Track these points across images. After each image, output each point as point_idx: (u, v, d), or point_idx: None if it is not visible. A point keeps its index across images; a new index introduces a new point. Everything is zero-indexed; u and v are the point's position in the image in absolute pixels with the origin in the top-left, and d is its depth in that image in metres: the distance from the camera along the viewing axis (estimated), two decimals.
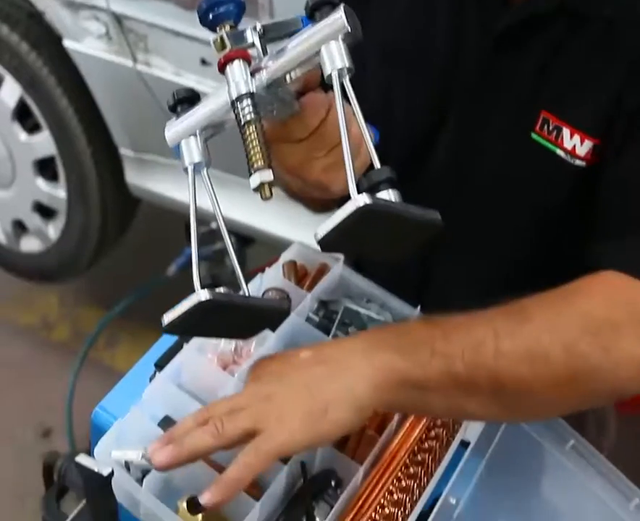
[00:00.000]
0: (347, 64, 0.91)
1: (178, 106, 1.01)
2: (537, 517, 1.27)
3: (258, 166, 0.91)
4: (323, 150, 1.04)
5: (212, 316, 0.95)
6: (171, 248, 3.13)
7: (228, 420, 0.95)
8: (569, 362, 1.00)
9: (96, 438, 1.11)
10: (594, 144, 1.19)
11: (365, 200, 0.82)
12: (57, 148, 2.82)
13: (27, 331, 3.31)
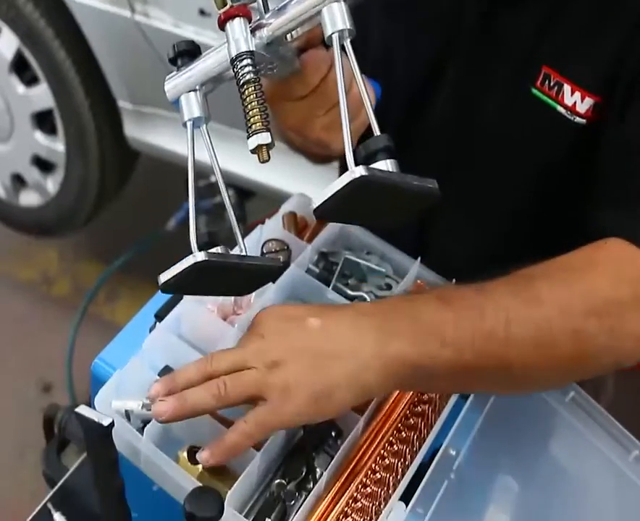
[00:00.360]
0: (348, 26, 0.90)
1: (178, 58, 1.00)
2: (537, 468, 1.27)
3: (256, 129, 0.90)
4: (323, 108, 1.04)
5: (208, 276, 0.95)
6: (170, 202, 3.12)
7: (232, 383, 0.97)
8: (576, 346, 1.02)
9: (96, 389, 1.11)
10: (594, 102, 1.18)
11: (361, 172, 0.81)
12: (55, 101, 2.81)
13: (27, 286, 3.31)
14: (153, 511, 1.12)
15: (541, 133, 1.25)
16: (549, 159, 1.27)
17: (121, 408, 1.09)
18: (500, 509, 1.20)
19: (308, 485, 1.09)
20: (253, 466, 1.04)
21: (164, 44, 2.53)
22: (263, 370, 0.97)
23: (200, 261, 0.90)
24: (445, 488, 1.14)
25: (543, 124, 1.23)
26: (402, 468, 1.13)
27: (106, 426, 0.98)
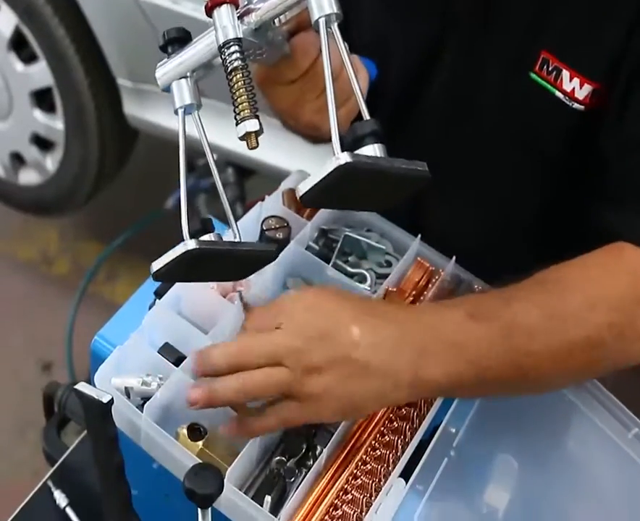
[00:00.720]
0: (335, 10, 0.90)
1: (169, 46, 1.00)
2: (536, 446, 1.27)
3: (244, 116, 0.90)
4: (314, 92, 1.04)
5: (201, 263, 0.94)
6: (170, 181, 3.11)
7: (265, 381, 0.98)
8: (589, 353, 1.08)
9: (96, 366, 1.10)
10: (593, 88, 1.17)
11: (346, 159, 0.81)
12: (54, 79, 2.80)
13: (27, 265, 3.31)
14: (153, 489, 1.13)
15: (538, 118, 1.24)
16: (546, 145, 1.26)
17: (120, 385, 1.09)
18: (500, 487, 1.20)
19: (308, 462, 1.09)
20: (253, 443, 1.05)
21: (163, 21, 2.53)
22: (299, 374, 0.98)
23: (191, 249, 0.90)
24: (445, 465, 1.15)
25: (541, 109, 1.22)
26: (401, 445, 1.13)
27: (106, 403, 0.98)
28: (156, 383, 1.09)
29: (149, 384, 1.09)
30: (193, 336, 1.14)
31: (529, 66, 1.20)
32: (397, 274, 1.28)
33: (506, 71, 1.23)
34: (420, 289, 1.29)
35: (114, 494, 1.03)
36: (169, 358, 1.13)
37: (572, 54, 1.17)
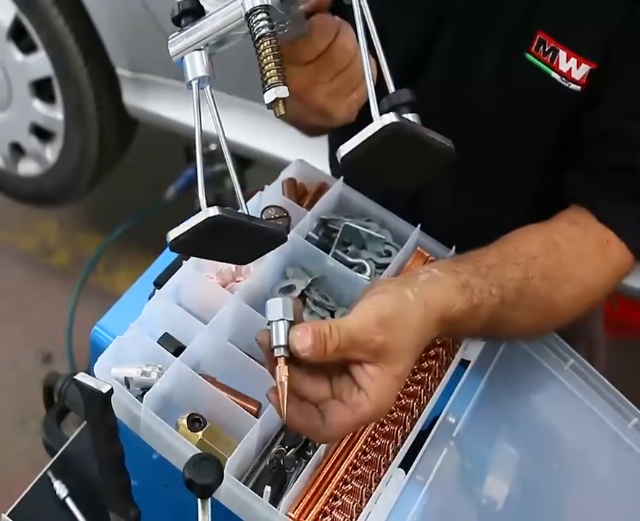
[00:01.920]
0: None
1: (182, 18, 0.97)
2: (536, 436, 1.27)
3: (273, 82, 0.89)
4: (328, 75, 1.03)
5: (219, 234, 0.92)
6: (169, 171, 3.11)
7: (327, 436, 0.96)
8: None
9: (95, 357, 1.10)
10: (590, 68, 1.17)
11: (392, 118, 0.81)
12: (54, 69, 2.79)
13: (27, 255, 3.31)
14: (152, 479, 1.13)
15: (535, 99, 1.24)
16: (542, 125, 1.27)
17: (120, 375, 1.09)
18: (500, 477, 1.20)
19: (308, 452, 1.09)
20: (252, 433, 1.05)
21: (163, 10, 2.52)
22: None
23: (213, 216, 0.88)
24: (445, 455, 1.15)
25: (537, 90, 1.22)
26: (401, 435, 1.13)
27: (105, 393, 0.98)
28: (155, 374, 1.09)
29: (149, 374, 1.09)
30: (193, 326, 1.14)
31: (525, 47, 1.20)
32: (397, 264, 1.27)
33: (502, 53, 1.23)
34: None
35: (114, 484, 1.03)
36: (169, 348, 1.13)
37: (569, 34, 1.17)
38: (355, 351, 0.94)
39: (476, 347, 1.24)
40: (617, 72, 1.17)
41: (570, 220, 1.23)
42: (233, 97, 2.43)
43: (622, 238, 1.22)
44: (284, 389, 0.92)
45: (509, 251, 1.15)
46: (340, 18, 1.02)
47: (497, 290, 1.10)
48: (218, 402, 1.08)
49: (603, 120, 1.21)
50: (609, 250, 1.22)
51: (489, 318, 1.10)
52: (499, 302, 1.10)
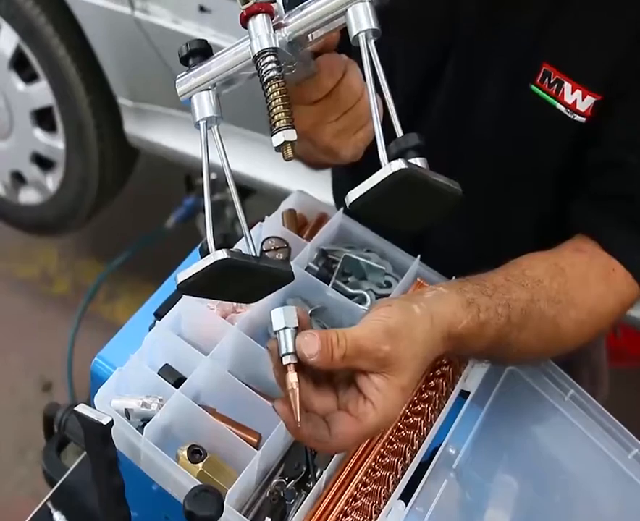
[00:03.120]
0: (373, 26, 0.89)
1: (190, 58, 0.98)
2: (536, 467, 1.27)
3: (281, 125, 0.89)
4: (335, 114, 1.03)
5: (227, 276, 0.93)
6: (170, 200, 3.12)
7: (334, 446, 0.96)
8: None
9: (96, 388, 1.11)
10: (595, 100, 1.18)
11: (400, 165, 0.81)
12: (55, 98, 2.80)
13: (27, 284, 3.31)
14: (153, 510, 1.13)
15: (540, 130, 1.24)
16: (546, 156, 1.27)
17: (120, 407, 1.09)
18: (500, 508, 1.20)
19: (308, 484, 1.09)
20: (252, 465, 1.04)
21: (164, 41, 2.54)
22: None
23: (221, 259, 0.88)
24: (445, 486, 1.14)
25: (542, 121, 1.23)
26: (401, 467, 1.13)
27: (106, 425, 0.98)
28: (155, 405, 1.09)
29: (149, 406, 1.09)
30: (193, 357, 1.14)
31: (530, 79, 1.21)
32: (397, 295, 1.28)
33: (507, 85, 1.23)
34: None
35: (114, 516, 1.03)
36: (169, 379, 1.13)
37: (574, 66, 1.18)
38: (361, 360, 0.94)
39: (476, 378, 1.24)
40: (622, 103, 1.17)
41: (576, 247, 1.23)
42: (233, 127, 2.44)
43: (627, 268, 1.22)
44: (296, 396, 0.91)
45: (515, 274, 1.15)
46: (348, 57, 1.03)
47: (503, 309, 1.09)
48: (218, 434, 1.08)
49: (607, 151, 1.21)
50: (615, 277, 1.22)
51: (495, 336, 1.09)
52: (506, 321, 1.09)
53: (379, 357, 0.94)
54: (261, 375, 1.17)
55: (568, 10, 1.16)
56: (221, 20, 2.35)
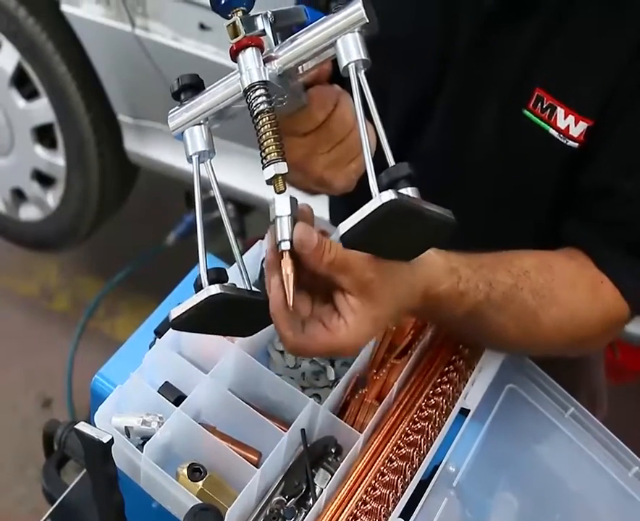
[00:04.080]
0: (362, 57, 0.90)
1: (182, 92, 0.98)
2: (537, 485, 1.27)
3: (272, 158, 0.89)
4: (327, 146, 1.03)
5: (220, 311, 0.93)
6: (170, 216, 3.12)
7: (303, 343, 0.97)
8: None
9: (96, 405, 1.11)
10: (588, 126, 1.18)
11: (390, 196, 0.81)
12: (56, 115, 2.81)
13: (27, 300, 3.31)
14: None
15: (533, 155, 1.25)
16: (539, 180, 1.28)
17: (120, 425, 1.09)
18: None
19: (308, 502, 1.09)
20: (252, 483, 1.04)
21: (165, 58, 2.55)
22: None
23: (214, 294, 0.89)
24: (445, 504, 1.14)
25: (535, 146, 1.23)
26: (402, 485, 1.12)
27: (106, 443, 0.98)
28: (155, 423, 1.09)
29: (149, 424, 1.09)
30: (193, 376, 1.14)
31: (523, 104, 1.21)
32: None
33: (500, 110, 1.24)
34: (420, 327, 1.29)
35: None
36: (169, 398, 1.13)
37: (567, 91, 1.18)
38: (344, 275, 0.94)
39: (476, 396, 1.24)
40: (613, 129, 1.18)
41: (568, 254, 1.24)
42: (233, 144, 2.45)
43: (616, 284, 1.22)
44: (290, 281, 0.92)
45: (504, 259, 1.16)
46: (340, 87, 1.03)
47: (484, 286, 1.10)
48: (218, 452, 1.08)
49: (598, 176, 1.22)
50: (602, 290, 1.22)
51: (472, 309, 1.10)
52: (485, 297, 1.10)
53: (362, 279, 0.95)
54: (261, 394, 1.18)
55: (561, 36, 1.17)
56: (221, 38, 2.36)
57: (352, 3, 0.90)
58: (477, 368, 1.28)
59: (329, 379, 1.23)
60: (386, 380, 1.21)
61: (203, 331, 1.02)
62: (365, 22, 0.90)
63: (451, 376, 1.24)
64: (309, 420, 1.14)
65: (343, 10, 0.90)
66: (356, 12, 0.90)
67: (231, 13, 0.93)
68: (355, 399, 1.19)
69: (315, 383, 1.23)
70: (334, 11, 0.91)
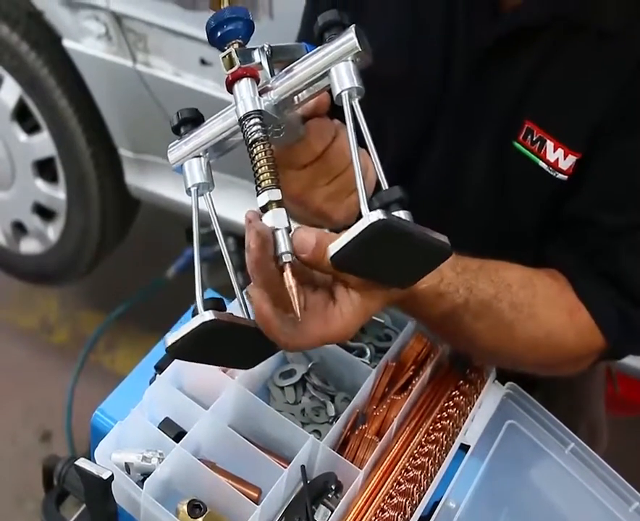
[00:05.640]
0: (356, 84, 0.90)
1: (181, 126, 0.99)
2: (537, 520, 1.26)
3: (266, 185, 0.89)
4: (326, 178, 1.04)
5: (217, 339, 0.92)
6: (171, 250, 3.13)
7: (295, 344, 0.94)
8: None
9: (96, 441, 1.11)
10: (577, 159, 1.20)
11: (379, 216, 0.80)
12: (57, 149, 2.82)
13: (27, 333, 3.31)
14: None
15: (522, 187, 1.26)
16: (527, 210, 1.29)
17: (121, 461, 1.09)
18: None
19: None
20: (252, 520, 1.04)
21: (166, 93, 2.56)
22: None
23: (208, 320, 0.87)
24: None
25: (525, 178, 1.25)
26: None
27: (106, 479, 0.98)
28: (156, 459, 1.09)
29: (149, 460, 1.09)
30: (193, 411, 1.15)
31: (513, 136, 1.22)
32: (397, 348, 1.28)
33: (492, 142, 1.25)
34: (420, 362, 1.29)
35: None
36: (169, 433, 1.13)
37: (555, 124, 1.20)
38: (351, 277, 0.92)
39: (475, 432, 1.25)
40: (598, 163, 1.19)
41: (552, 275, 1.24)
42: (234, 178, 2.46)
43: (593, 315, 1.22)
44: (295, 294, 0.87)
45: (489, 268, 1.16)
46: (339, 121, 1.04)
47: (464, 291, 1.10)
48: (218, 488, 1.08)
49: (580, 206, 1.23)
50: (579, 315, 1.22)
51: (449, 312, 1.10)
52: (463, 302, 1.10)
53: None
54: (261, 430, 1.18)
55: (551, 71, 1.19)
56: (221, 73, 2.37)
57: (345, 32, 0.91)
58: (477, 404, 1.28)
59: (328, 415, 1.23)
60: (386, 416, 1.21)
61: (200, 360, 1.01)
62: (358, 51, 0.90)
63: (451, 412, 1.24)
64: (309, 456, 1.14)
65: (336, 40, 0.91)
66: (349, 41, 0.90)
67: (227, 45, 0.93)
68: (355, 434, 1.19)
69: (315, 419, 1.23)
70: (327, 41, 0.92)
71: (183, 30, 2.40)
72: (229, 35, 0.93)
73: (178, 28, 2.40)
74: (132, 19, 2.46)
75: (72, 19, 2.56)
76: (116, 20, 2.49)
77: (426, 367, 1.27)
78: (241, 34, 0.94)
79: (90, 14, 2.52)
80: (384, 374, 1.25)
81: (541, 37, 1.18)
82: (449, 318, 1.11)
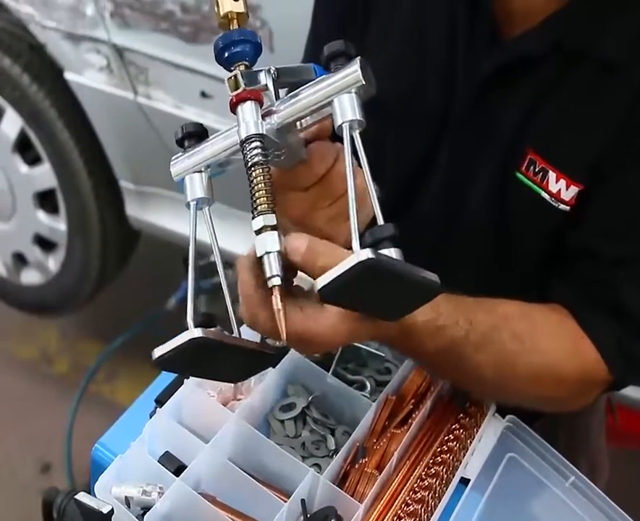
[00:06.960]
0: (358, 117, 0.91)
1: (185, 140, 1.00)
2: None
3: (262, 209, 0.90)
4: (328, 200, 1.04)
5: (204, 355, 0.93)
6: (171, 281, 3.13)
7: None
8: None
9: (96, 474, 1.11)
10: (579, 190, 1.20)
11: (367, 255, 0.81)
12: (58, 181, 2.83)
13: (27, 363, 3.30)
14: None
15: (525, 217, 1.26)
16: (529, 241, 1.29)
17: (121, 494, 1.09)
18: None
19: None
20: None
21: (166, 125, 2.57)
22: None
23: (196, 337, 0.88)
24: None
25: (527, 208, 1.25)
26: None
27: (106, 514, 0.98)
28: (156, 493, 1.09)
29: (149, 494, 1.09)
30: (193, 445, 1.15)
31: (516, 167, 1.22)
32: (397, 381, 1.28)
33: (494, 172, 1.25)
34: (420, 396, 1.29)
35: None
36: (169, 467, 1.13)
37: (558, 156, 1.20)
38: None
39: (476, 465, 1.24)
40: (600, 194, 1.19)
41: (550, 307, 1.24)
42: (233, 209, 2.47)
43: (597, 347, 1.21)
44: (282, 317, 0.90)
45: (485, 302, 1.16)
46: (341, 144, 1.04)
47: (464, 323, 1.10)
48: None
49: (582, 238, 1.23)
50: (583, 344, 1.21)
51: (448, 345, 1.09)
52: (464, 335, 1.10)
53: None
54: (261, 463, 1.17)
55: (552, 101, 1.19)
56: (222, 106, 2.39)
57: (351, 64, 0.92)
58: (477, 437, 1.28)
59: (329, 448, 1.23)
60: (387, 450, 1.21)
61: (188, 374, 1.02)
62: (362, 84, 0.91)
63: (451, 445, 1.24)
64: (309, 490, 1.14)
65: (342, 70, 0.92)
66: (353, 74, 0.91)
67: (234, 66, 0.94)
68: (355, 468, 1.19)
69: (315, 453, 1.23)
70: (333, 70, 0.93)
71: (184, 63, 2.41)
72: (236, 56, 0.94)
73: (179, 61, 2.42)
74: (133, 52, 2.48)
75: (74, 51, 2.57)
76: (118, 53, 2.50)
77: (426, 401, 1.28)
78: (248, 56, 0.95)
79: (92, 47, 2.54)
80: (384, 408, 1.25)
81: (542, 67, 1.18)
82: (449, 352, 1.10)
